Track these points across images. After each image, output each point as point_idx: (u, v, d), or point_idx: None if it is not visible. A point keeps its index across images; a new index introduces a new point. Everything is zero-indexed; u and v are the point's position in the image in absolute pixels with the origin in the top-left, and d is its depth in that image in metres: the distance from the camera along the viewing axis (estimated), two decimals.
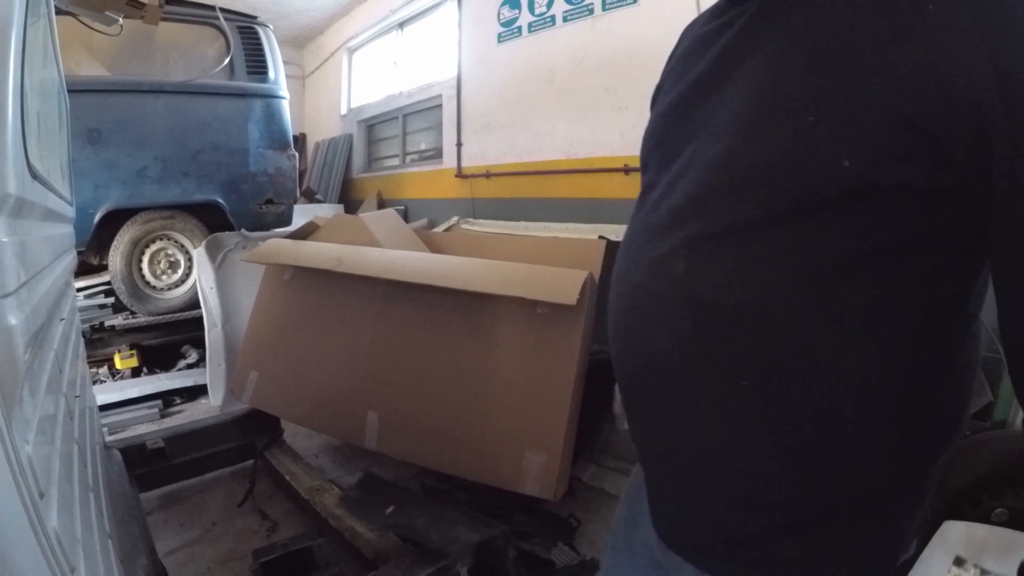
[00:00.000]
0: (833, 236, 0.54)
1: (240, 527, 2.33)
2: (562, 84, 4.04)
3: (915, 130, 0.49)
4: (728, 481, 0.64)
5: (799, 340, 0.57)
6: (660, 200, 0.67)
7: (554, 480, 1.85)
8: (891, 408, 0.58)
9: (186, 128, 3.91)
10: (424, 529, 1.71)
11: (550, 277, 1.85)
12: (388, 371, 2.21)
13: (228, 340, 3.28)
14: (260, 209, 4.26)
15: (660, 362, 0.65)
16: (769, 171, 0.55)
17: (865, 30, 0.52)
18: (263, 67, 4.30)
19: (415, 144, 6.20)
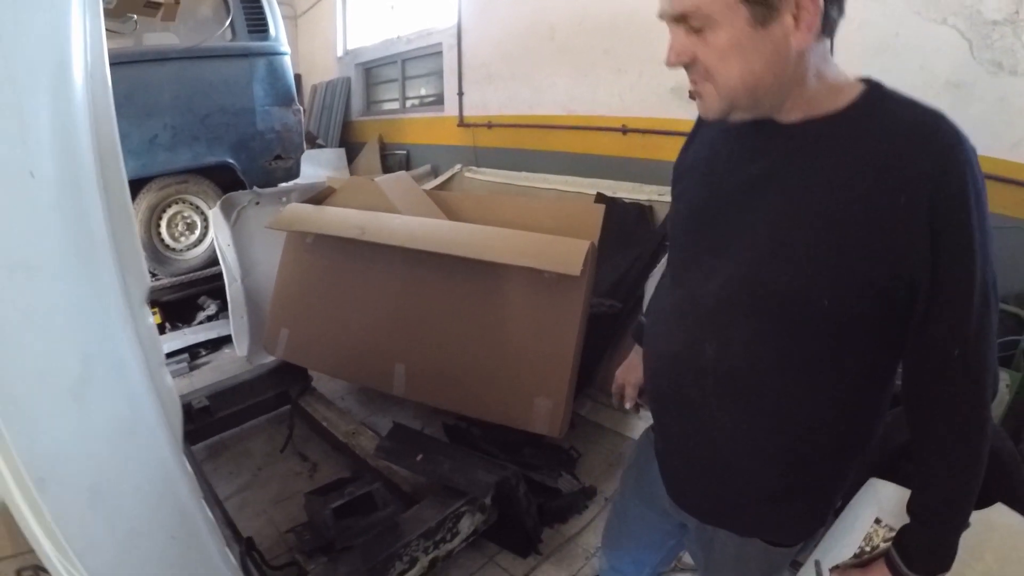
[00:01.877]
0: (817, 342, 0.89)
1: (284, 470, 2.75)
2: (563, 42, 4.26)
3: (875, 287, 0.83)
4: (730, 470, 1.01)
5: (790, 395, 0.93)
6: (695, 291, 0.98)
7: (559, 421, 2.28)
8: (840, 434, 0.96)
9: (193, 93, 4.11)
10: (450, 473, 2.12)
11: (556, 247, 2.20)
12: (412, 327, 2.60)
13: (248, 293, 3.63)
14: (270, 165, 4.54)
15: (691, 404, 1.01)
16: (778, 299, 0.88)
17: (858, 213, 0.81)
18: (263, 25, 4.48)
19: (415, 89, 6.40)
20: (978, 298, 0.80)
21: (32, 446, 0.82)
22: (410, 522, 1.97)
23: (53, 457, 0.86)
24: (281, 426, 3.01)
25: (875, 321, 0.86)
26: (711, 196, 0.99)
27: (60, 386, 0.89)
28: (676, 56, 0.88)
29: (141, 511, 1.03)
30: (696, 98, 0.91)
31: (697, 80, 0.88)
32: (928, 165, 0.77)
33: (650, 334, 1.12)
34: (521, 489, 2.15)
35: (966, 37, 2.57)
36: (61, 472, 0.87)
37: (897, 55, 2.74)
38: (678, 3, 0.84)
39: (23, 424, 0.82)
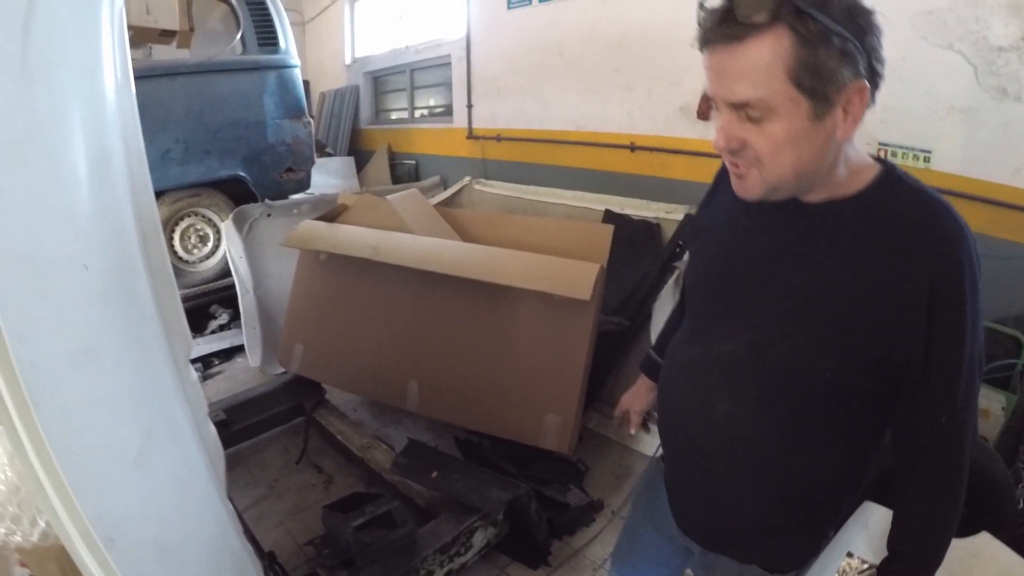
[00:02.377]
0: (819, 407, 0.98)
1: (300, 482, 2.84)
2: (572, 58, 4.36)
3: (874, 363, 0.92)
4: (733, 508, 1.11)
5: (793, 450, 1.02)
6: (710, 351, 1.08)
7: (568, 437, 2.39)
8: (836, 479, 1.05)
9: (204, 107, 4.23)
10: (464, 490, 2.23)
11: (566, 270, 2.31)
12: (425, 345, 2.71)
13: (261, 304, 3.75)
14: (281, 178, 4.67)
15: (702, 452, 1.11)
16: (786, 368, 0.97)
17: (864, 295, 0.89)
18: (273, 38, 4.60)
19: (424, 100, 6.52)
20: (965, 373, 0.89)
21: (100, 510, 0.93)
22: (427, 537, 2.08)
23: (121, 519, 0.97)
24: (296, 438, 3.11)
25: (872, 391, 0.95)
26: (729, 264, 1.07)
27: (126, 457, 1.00)
28: (727, 141, 0.89)
29: (200, 557, 1.15)
30: (736, 178, 0.95)
31: (741, 164, 0.91)
32: (931, 256, 0.86)
33: (665, 385, 1.21)
34: (532, 506, 2.25)
35: (972, 63, 2.64)
36: (128, 531, 0.98)
37: (903, 80, 2.79)
38: (741, 91, 0.84)
39: (92, 492, 0.92)
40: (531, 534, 2.27)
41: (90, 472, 0.93)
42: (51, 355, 0.89)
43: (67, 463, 0.88)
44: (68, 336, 0.92)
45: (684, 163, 3.76)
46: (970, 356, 0.89)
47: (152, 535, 1.04)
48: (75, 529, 0.90)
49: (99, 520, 0.92)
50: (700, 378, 1.09)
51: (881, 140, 2.91)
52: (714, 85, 0.88)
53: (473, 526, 2.14)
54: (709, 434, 1.08)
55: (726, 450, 1.07)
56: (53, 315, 0.90)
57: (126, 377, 1.02)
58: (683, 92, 3.70)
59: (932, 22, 2.71)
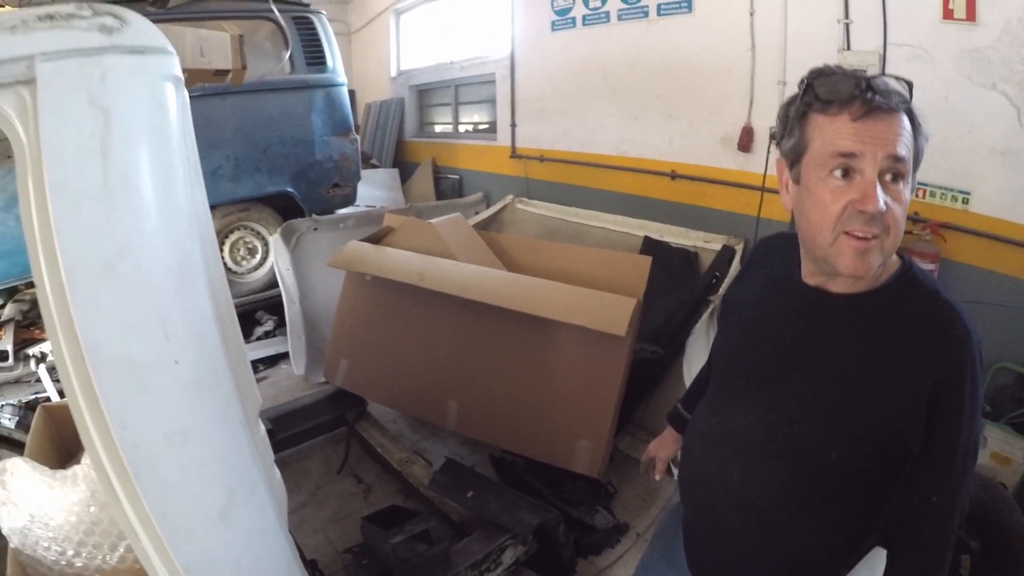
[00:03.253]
0: (824, 483, 1.10)
1: (340, 490, 3.04)
2: (615, 83, 4.50)
3: (876, 447, 1.04)
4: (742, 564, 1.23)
5: (798, 518, 1.14)
6: (729, 422, 1.22)
7: (599, 462, 2.55)
8: (837, 547, 1.16)
9: (254, 125, 4.49)
10: (497, 511, 2.40)
11: (604, 304, 2.46)
12: (465, 368, 2.89)
13: (306, 315, 3.99)
14: (328, 193, 4.92)
15: (716, 513, 1.24)
16: (797, 447, 1.10)
17: (873, 387, 1.02)
18: (321, 57, 4.87)
19: (468, 115, 6.73)
20: (959, 461, 1.01)
21: (190, 557, 1.15)
22: (460, 553, 2.25)
23: (207, 563, 1.20)
24: (337, 447, 3.31)
25: (873, 470, 1.07)
26: (754, 345, 1.22)
27: (212, 513, 1.23)
28: (882, 204, 0.94)
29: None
30: (859, 255, 0.98)
31: (876, 233, 0.96)
32: (937, 359, 0.98)
33: (687, 449, 1.36)
34: (560, 529, 2.40)
35: (1015, 104, 2.66)
36: (213, 572, 1.21)
37: (945, 119, 2.84)
38: (903, 146, 0.94)
39: (183, 543, 1.14)
40: (558, 553, 2.42)
41: (182, 528, 1.15)
42: (149, 436, 1.11)
43: (162, 522, 1.10)
44: (163, 420, 1.14)
45: (724, 193, 3.86)
46: (964, 446, 1.00)
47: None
48: (166, 572, 1.12)
49: (188, 566, 1.14)
50: (718, 447, 1.24)
51: (920, 180, 2.95)
52: (870, 143, 0.94)
53: (504, 544, 2.31)
54: (723, 498, 1.22)
55: (737, 513, 1.20)
56: (150, 403, 1.12)
57: (211, 449, 1.24)
58: (724, 123, 3.80)
59: (976, 61, 2.74)
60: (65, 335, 1.01)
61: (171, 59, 1.19)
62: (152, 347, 1.11)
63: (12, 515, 1.63)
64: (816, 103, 0.99)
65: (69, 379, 1.03)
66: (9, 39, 0.95)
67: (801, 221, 1.07)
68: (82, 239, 1.02)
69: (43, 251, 1.00)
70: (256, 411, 1.40)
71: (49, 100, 0.98)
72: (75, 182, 1.01)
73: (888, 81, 0.97)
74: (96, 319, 1.03)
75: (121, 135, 1.05)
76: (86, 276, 1.03)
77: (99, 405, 1.03)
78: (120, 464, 1.05)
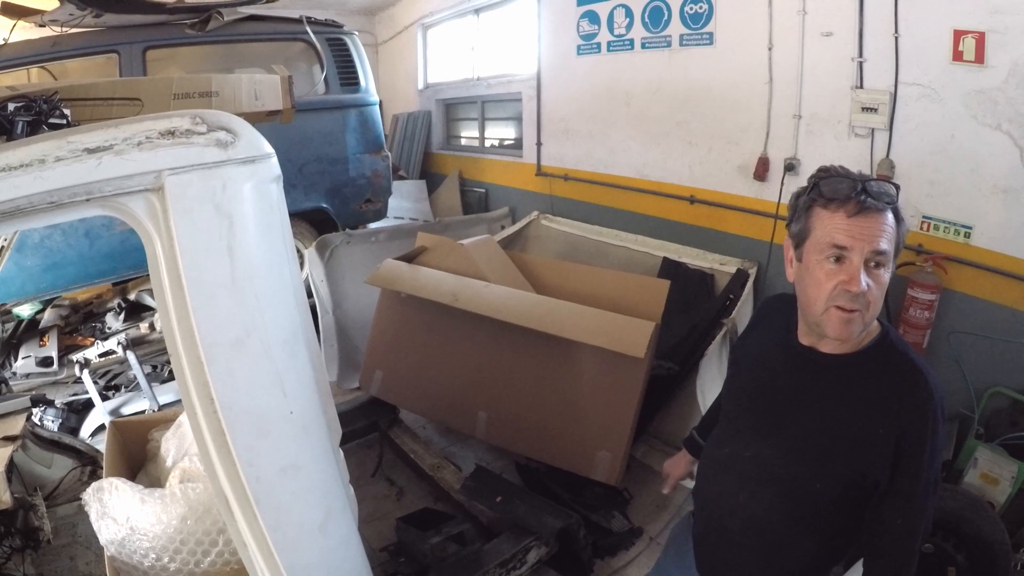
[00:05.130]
0: (810, 507, 1.35)
1: (374, 492, 3.31)
2: (637, 108, 4.74)
3: (851, 481, 1.27)
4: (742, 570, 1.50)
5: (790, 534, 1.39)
6: (737, 454, 1.48)
7: (617, 471, 2.81)
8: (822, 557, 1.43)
9: (291, 144, 4.74)
10: (524, 515, 2.68)
11: (624, 327, 2.73)
12: (494, 382, 3.17)
13: (339, 324, 4.29)
14: (360, 208, 5.23)
15: (723, 527, 1.51)
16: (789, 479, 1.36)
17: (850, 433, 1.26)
18: (355, 78, 5.16)
19: (494, 131, 6.99)
20: (920, 495, 1.25)
21: (294, 561, 1.45)
22: (490, 553, 2.52)
23: (307, 566, 1.51)
24: (370, 451, 3.58)
25: (848, 499, 1.32)
26: (758, 391, 1.49)
27: (314, 527, 1.53)
28: (864, 285, 1.18)
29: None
30: (844, 323, 1.23)
31: (856, 309, 1.21)
32: (903, 415, 1.23)
33: (701, 473, 1.63)
34: (581, 532, 2.66)
35: (1018, 144, 2.81)
36: (311, 574, 1.53)
37: (950, 157, 3.04)
38: (883, 244, 1.18)
39: (289, 550, 1.44)
40: (577, 554, 2.68)
41: (290, 540, 1.46)
42: (268, 470, 1.40)
43: (274, 535, 1.41)
44: (280, 458, 1.43)
45: (739, 219, 4.09)
46: (925, 483, 1.24)
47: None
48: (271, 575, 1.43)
49: (292, 568, 1.44)
50: (727, 473, 1.51)
51: (925, 213, 3.17)
52: (859, 239, 1.19)
53: (529, 545, 2.58)
54: (730, 515, 1.49)
55: (741, 528, 1.47)
56: (271, 446, 1.41)
57: (315, 477, 1.53)
58: (741, 152, 4.03)
59: (983, 101, 2.90)
60: (200, 396, 1.29)
61: (273, 162, 1.43)
62: (273, 403, 1.39)
63: (110, 528, 1.94)
64: (820, 199, 1.26)
65: (201, 430, 1.31)
66: (137, 155, 1.18)
67: (800, 292, 1.34)
68: (216, 322, 1.29)
69: (180, 331, 1.27)
70: (339, 440, 1.69)
71: (180, 209, 1.22)
72: (208, 277, 1.27)
73: (881, 184, 1.23)
74: (229, 383, 1.31)
75: (242, 234, 1.31)
76: (220, 351, 1.29)
77: (229, 449, 1.32)
78: (243, 493, 1.35)
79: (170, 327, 1.27)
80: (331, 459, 1.58)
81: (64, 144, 1.12)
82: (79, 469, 2.95)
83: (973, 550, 2.34)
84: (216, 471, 1.34)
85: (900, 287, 3.18)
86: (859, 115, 3.35)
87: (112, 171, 1.15)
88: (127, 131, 1.18)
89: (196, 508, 1.90)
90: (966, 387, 2.99)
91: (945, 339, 3.14)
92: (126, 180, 1.18)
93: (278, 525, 1.41)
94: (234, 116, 1.37)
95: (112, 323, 4.72)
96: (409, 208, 6.91)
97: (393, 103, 8.41)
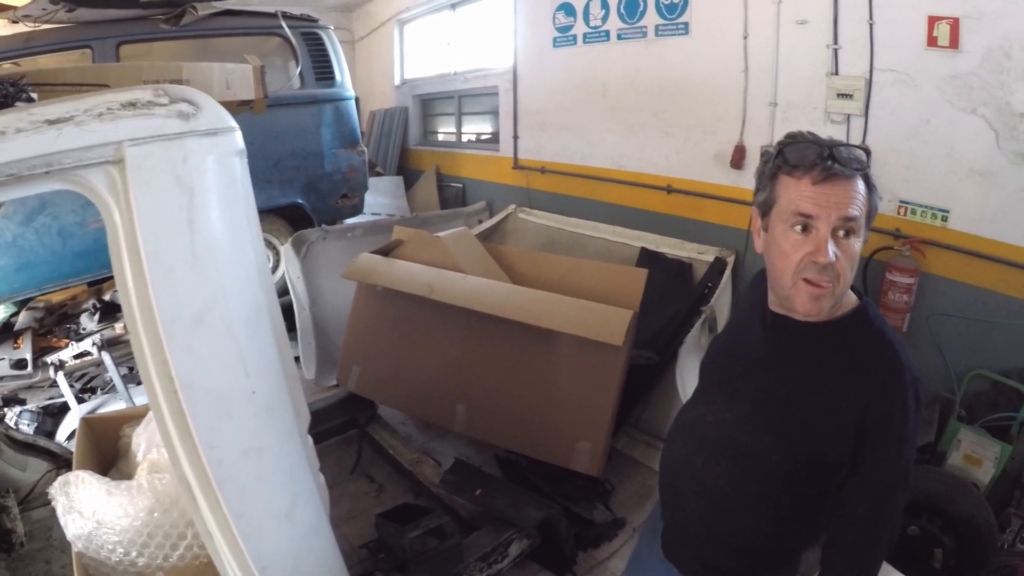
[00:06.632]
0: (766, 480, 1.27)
1: (354, 490, 3.24)
2: (614, 99, 4.71)
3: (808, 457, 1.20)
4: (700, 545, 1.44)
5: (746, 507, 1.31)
6: (701, 417, 1.42)
7: (597, 462, 2.76)
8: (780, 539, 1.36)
9: (265, 139, 4.67)
10: (504, 508, 2.62)
11: (602, 316, 2.67)
12: (472, 373, 3.10)
13: (316, 321, 4.19)
14: (336, 204, 5.14)
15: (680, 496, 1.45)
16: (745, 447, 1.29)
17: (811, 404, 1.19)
18: (330, 72, 5.08)
19: (471, 126, 6.94)
20: (886, 484, 1.18)
21: (260, 549, 1.40)
22: (470, 547, 2.46)
23: (273, 554, 1.45)
24: (349, 448, 3.51)
25: (808, 479, 1.25)
26: (728, 355, 1.46)
27: (279, 513, 1.48)
28: (833, 256, 1.11)
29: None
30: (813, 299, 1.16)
31: (826, 281, 1.14)
32: (869, 387, 1.16)
33: (670, 436, 1.56)
34: (562, 523, 2.61)
35: (993, 128, 2.82)
36: (277, 563, 1.46)
37: (926, 141, 3.04)
38: (855, 207, 1.11)
39: (255, 538, 1.39)
40: (560, 546, 2.63)
41: (255, 527, 1.40)
42: (231, 453, 1.35)
43: (239, 523, 1.35)
44: (242, 440, 1.38)
45: (716, 208, 4.07)
46: (892, 472, 1.17)
47: (291, 565, 1.51)
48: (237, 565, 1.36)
49: (258, 557, 1.38)
50: (691, 436, 1.45)
51: (902, 198, 3.18)
52: (826, 207, 1.11)
53: (510, 538, 2.53)
54: (687, 480, 1.43)
55: (696, 496, 1.41)
56: (233, 427, 1.36)
57: (280, 461, 1.48)
58: (718, 141, 4.01)
59: (958, 86, 2.91)
60: (159, 374, 1.24)
61: (237, 136, 1.39)
62: (235, 382, 1.34)
63: (76, 523, 1.86)
64: (785, 166, 1.18)
65: (161, 410, 1.25)
66: (98, 126, 1.14)
67: (768, 263, 1.27)
68: (176, 297, 1.25)
69: (139, 306, 1.21)
70: (307, 426, 1.62)
71: (140, 180, 1.18)
72: (168, 250, 1.23)
73: (850, 149, 1.16)
74: (189, 361, 1.26)
75: (203, 207, 1.27)
76: (180, 327, 1.25)
77: (189, 430, 1.26)
78: (205, 477, 1.29)
79: (129, 304, 1.23)
80: (297, 443, 1.52)
81: (25, 116, 1.10)
82: (54, 472, 2.86)
83: (959, 531, 2.33)
84: (178, 454, 1.29)
85: (879, 272, 3.18)
86: (834, 101, 3.34)
87: (72, 142, 1.13)
88: (89, 103, 1.16)
89: (163, 500, 1.82)
90: (947, 370, 2.98)
91: (925, 322, 3.13)
92: (86, 152, 1.15)
93: (242, 511, 1.35)
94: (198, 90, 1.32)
95: (87, 324, 4.59)
96: (386, 204, 6.84)
97: (370, 100, 8.32)
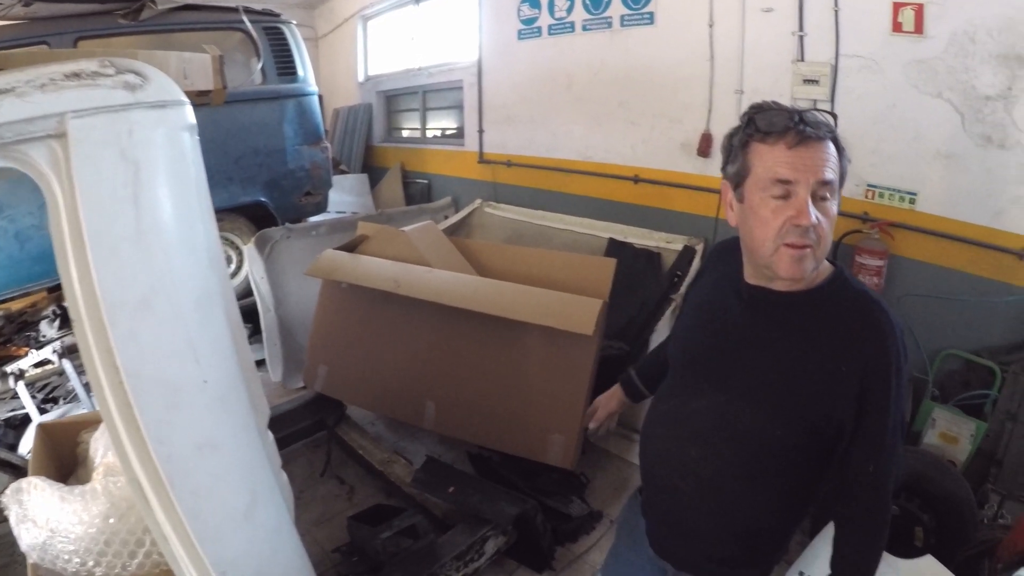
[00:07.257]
0: (769, 459, 1.25)
1: (324, 493, 3.15)
2: (579, 91, 4.67)
3: (813, 426, 1.19)
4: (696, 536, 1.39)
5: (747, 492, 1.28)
6: (687, 404, 1.37)
7: (571, 454, 2.71)
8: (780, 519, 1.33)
9: (226, 136, 4.55)
10: (478, 504, 2.55)
11: (572, 306, 2.62)
12: (441, 370, 3.03)
13: (281, 322, 4.09)
14: (300, 201, 5.02)
15: (675, 489, 1.39)
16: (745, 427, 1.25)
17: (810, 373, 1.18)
18: (292, 67, 4.96)
19: (436, 121, 6.85)
20: (889, 436, 1.18)
21: (218, 552, 1.30)
22: (445, 546, 2.39)
23: (234, 558, 1.36)
24: (318, 451, 3.41)
25: (810, 448, 1.24)
26: (708, 336, 1.39)
27: (238, 513, 1.38)
28: (815, 218, 1.11)
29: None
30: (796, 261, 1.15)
31: (808, 244, 1.13)
32: (865, 350, 1.15)
33: (647, 430, 1.51)
34: (538, 518, 2.55)
35: (959, 111, 2.83)
36: (239, 566, 1.37)
37: (892, 126, 3.05)
38: (829, 173, 1.11)
39: (213, 540, 1.29)
40: (537, 542, 2.57)
41: (212, 528, 1.31)
42: (182, 449, 1.26)
43: (194, 524, 1.26)
44: (194, 434, 1.29)
45: (684, 196, 4.05)
46: (893, 424, 1.18)
47: (255, 569, 1.42)
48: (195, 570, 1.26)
49: (217, 561, 1.29)
50: (677, 427, 1.39)
51: (869, 182, 3.18)
52: (803, 171, 1.11)
53: (486, 535, 2.46)
54: (681, 474, 1.37)
55: (693, 488, 1.36)
56: (184, 420, 1.27)
57: (236, 457, 1.39)
58: (684, 129, 3.99)
59: (923, 71, 2.92)
60: (104, 364, 1.14)
61: (187, 109, 1.31)
62: (185, 371, 1.25)
63: (31, 532, 1.74)
64: (756, 134, 1.16)
65: (106, 402, 1.16)
66: (39, 97, 1.06)
67: (745, 234, 1.24)
68: (120, 279, 1.16)
69: (81, 290, 1.12)
70: (266, 421, 1.54)
71: (83, 154, 1.09)
72: (111, 228, 1.14)
73: (816, 115, 1.15)
74: (135, 349, 1.17)
75: (149, 183, 1.19)
76: (124, 312, 1.16)
77: (137, 424, 1.17)
78: (156, 475, 1.20)
79: (71, 288, 1.14)
80: (255, 438, 1.43)
81: None
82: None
83: (939, 509, 2.33)
84: (127, 451, 1.19)
85: (848, 255, 3.17)
86: (801, 88, 3.32)
87: (12, 114, 1.05)
88: (31, 74, 1.08)
89: (119, 504, 1.72)
90: (919, 351, 2.98)
91: (895, 304, 3.12)
92: (27, 125, 1.06)
93: (197, 512, 1.26)
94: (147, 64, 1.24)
95: (47, 331, 4.42)
96: (351, 202, 6.71)
97: (334, 98, 8.20)
